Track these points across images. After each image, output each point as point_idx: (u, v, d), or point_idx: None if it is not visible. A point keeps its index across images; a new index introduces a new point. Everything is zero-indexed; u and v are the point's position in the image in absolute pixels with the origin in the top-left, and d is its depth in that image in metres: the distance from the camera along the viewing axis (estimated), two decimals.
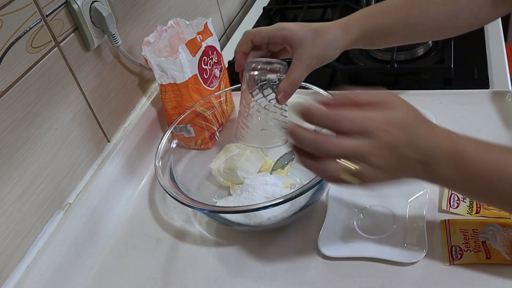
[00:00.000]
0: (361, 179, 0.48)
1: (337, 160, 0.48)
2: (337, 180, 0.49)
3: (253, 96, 0.65)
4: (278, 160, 0.77)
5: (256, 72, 0.65)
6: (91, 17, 0.75)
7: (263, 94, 0.65)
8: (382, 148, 0.47)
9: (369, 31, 0.66)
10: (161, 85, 0.83)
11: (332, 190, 0.72)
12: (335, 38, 0.65)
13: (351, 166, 0.47)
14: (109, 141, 0.84)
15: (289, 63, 0.64)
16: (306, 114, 0.49)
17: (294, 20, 1.25)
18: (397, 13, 0.67)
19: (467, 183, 0.49)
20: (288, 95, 0.62)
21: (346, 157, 0.47)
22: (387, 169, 0.48)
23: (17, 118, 0.64)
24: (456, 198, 0.67)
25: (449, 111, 0.81)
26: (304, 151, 0.49)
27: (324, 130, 0.49)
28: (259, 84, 0.65)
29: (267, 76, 0.65)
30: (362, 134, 0.47)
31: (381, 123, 0.47)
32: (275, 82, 0.65)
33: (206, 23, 0.85)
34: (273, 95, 0.64)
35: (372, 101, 0.48)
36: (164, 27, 0.87)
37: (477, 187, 0.49)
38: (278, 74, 0.65)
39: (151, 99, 0.93)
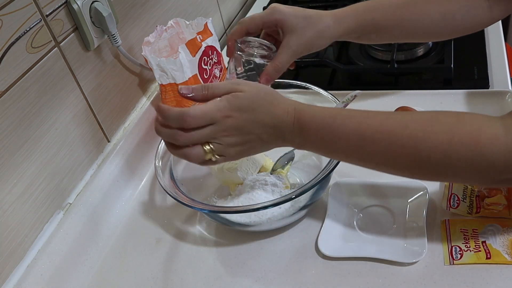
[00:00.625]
0: (224, 156, 0.57)
1: (198, 145, 0.55)
2: (206, 162, 0.57)
3: (238, 77, 0.66)
4: (278, 160, 0.77)
5: (243, 54, 0.66)
6: (91, 17, 0.75)
7: (247, 76, 0.66)
8: (227, 130, 0.55)
9: (362, 25, 0.67)
10: (161, 85, 0.83)
11: (332, 190, 0.72)
12: (326, 28, 0.66)
13: (208, 147, 0.55)
14: (109, 141, 0.84)
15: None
16: (159, 113, 0.55)
17: None
18: (392, 9, 0.68)
19: (314, 143, 0.56)
20: (271, 79, 0.67)
21: (202, 143, 0.55)
22: (242, 144, 0.56)
23: (17, 118, 0.64)
24: (456, 198, 0.67)
25: None
26: (167, 130, 0.56)
27: None
28: (246, 67, 0.66)
29: (254, 59, 0.66)
30: (206, 123, 0.54)
31: (220, 110, 0.54)
32: (262, 66, 0.66)
33: (206, 23, 0.85)
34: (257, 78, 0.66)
35: (220, 94, 0.56)
36: (164, 27, 0.87)
37: (324, 145, 0.56)
38: (266, 60, 0.66)
39: (151, 99, 0.93)
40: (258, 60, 0.67)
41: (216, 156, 0.56)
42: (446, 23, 0.68)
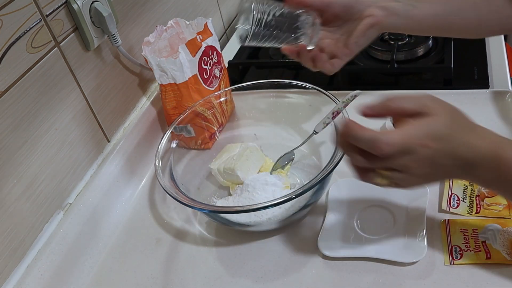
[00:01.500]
0: (396, 184, 0.51)
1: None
2: (370, 181, 0.52)
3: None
4: (278, 160, 0.77)
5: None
6: (91, 17, 0.75)
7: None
8: (420, 161, 0.48)
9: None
10: (161, 85, 0.83)
11: (332, 190, 0.72)
12: None
13: (387, 173, 0.50)
14: (109, 141, 0.84)
15: None
16: (345, 134, 0.50)
17: None
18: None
19: (507, 185, 0.50)
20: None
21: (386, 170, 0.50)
22: (424, 176, 0.51)
23: (17, 118, 0.64)
24: (456, 198, 0.67)
25: None
26: (352, 146, 0.50)
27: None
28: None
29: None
30: (402, 153, 0.48)
31: (419, 138, 0.48)
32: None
33: (206, 23, 0.85)
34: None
35: (410, 110, 0.50)
36: (164, 27, 0.87)
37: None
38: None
39: (151, 99, 0.93)
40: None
41: (389, 183, 0.52)
42: (487, 5, 0.66)
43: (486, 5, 0.66)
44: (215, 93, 0.84)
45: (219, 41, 1.12)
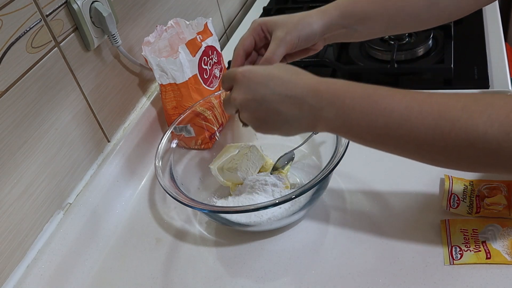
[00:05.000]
0: (248, 123, 0.58)
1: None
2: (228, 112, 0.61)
3: None
4: (278, 160, 0.77)
5: None
6: (91, 17, 0.75)
7: None
8: (240, 90, 0.55)
9: (347, 13, 0.66)
10: (161, 85, 0.83)
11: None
12: (310, 18, 0.66)
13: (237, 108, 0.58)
14: (109, 141, 0.84)
15: None
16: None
17: None
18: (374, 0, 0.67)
19: (351, 117, 0.50)
20: None
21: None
22: (254, 110, 0.55)
23: (17, 118, 0.64)
24: (456, 198, 0.67)
25: None
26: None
27: None
28: None
29: None
30: (233, 83, 0.57)
31: (242, 70, 0.55)
32: None
33: (206, 23, 0.85)
34: None
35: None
36: (164, 27, 0.87)
37: (363, 118, 0.49)
38: None
39: (151, 99, 0.93)
40: None
41: (243, 124, 0.59)
42: (431, 11, 0.66)
43: (428, 14, 0.67)
44: (215, 93, 0.84)
45: (219, 41, 1.12)
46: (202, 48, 0.83)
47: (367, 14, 0.67)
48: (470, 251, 0.60)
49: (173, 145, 0.76)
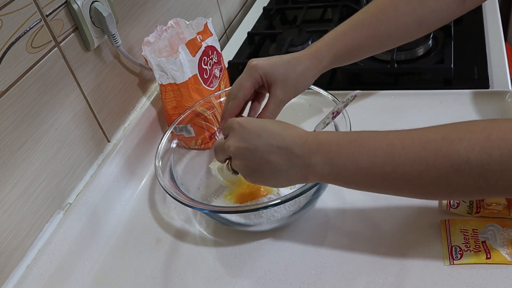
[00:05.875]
0: (238, 172, 0.59)
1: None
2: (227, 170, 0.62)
3: None
4: None
5: None
6: (91, 17, 0.75)
7: None
8: (233, 138, 0.57)
9: (339, 55, 0.68)
10: (161, 85, 0.83)
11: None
12: (306, 69, 0.67)
13: (227, 162, 0.61)
14: (109, 141, 0.84)
15: None
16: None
17: (294, 20, 1.25)
18: (365, 31, 0.68)
19: (339, 161, 0.52)
20: None
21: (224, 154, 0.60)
22: (245, 159, 0.56)
23: (17, 118, 0.64)
24: None
25: (449, 111, 0.81)
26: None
27: None
28: None
29: None
30: (227, 133, 0.59)
31: (236, 120, 0.58)
32: None
33: (206, 23, 0.85)
34: None
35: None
36: (164, 27, 0.87)
37: (351, 161, 0.51)
38: None
39: (151, 99, 0.93)
40: None
41: (233, 172, 0.60)
42: (421, 29, 0.68)
43: (417, 30, 0.68)
44: (215, 93, 0.84)
45: (219, 41, 1.12)
46: (202, 48, 0.83)
47: (359, 47, 0.68)
48: (470, 251, 0.60)
49: (173, 145, 0.76)
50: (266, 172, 0.56)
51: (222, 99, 0.85)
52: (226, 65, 1.02)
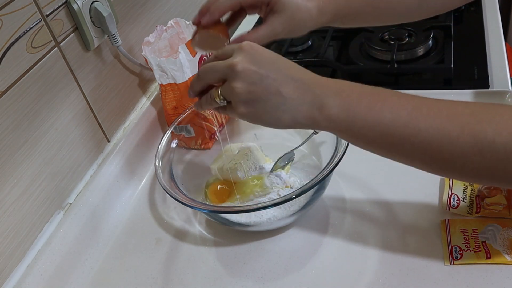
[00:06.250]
0: (230, 103, 0.52)
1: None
2: (216, 106, 0.54)
3: None
4: (278, 160, 0.77)
5: None
6: (91, 17, 0.75)
7: None
8: (243, 62, 0.50)
9: (340, 14, 0.66)
10: (161, 85, 0.84)
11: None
12: (309, 18, 0.63)
13: (217, 91, 0.52)
14: (109, 141, 0.84)
15: None
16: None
17: None
18: None
19: (357, 109, 0.48)
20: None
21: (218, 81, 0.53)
22: (250, 79, 0.50)
23: (17, 118, 0.64)
24: (456, 198, 0.67)
25: None
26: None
27: None
28: None
29: None
30: (231, 55, 0.51)
31: (240, 47, 0.51)
32: None
33: None
34: None
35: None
36: (164, 27, 0.87)
37: (368, 112, 0.48)
38: None
39: (151, 99, 0.93)
40: None
41: (222, 99, 0.52)
42: (421, 8, 0.66)
43: (418, 9, 0.67)
44: None
45: None
46: None
47: (359, 12, 0.66)
48: (470, 251, 0.60)
49: (173, 145, 0.76)
50: (270, 103, 0.50)
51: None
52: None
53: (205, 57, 0.85)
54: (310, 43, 1.07)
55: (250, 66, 0.50)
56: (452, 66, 0.87)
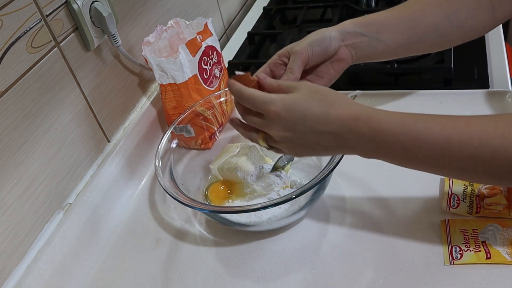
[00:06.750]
0: (277, 148, 0.59)
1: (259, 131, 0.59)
2: (259, 144, 0.61)
3: None
4: (278, 160, 0.77)
5: None
6: (91, 17, 0.75)
7: None
8: (275, 128, 0.55)
9: (362, 22, 0.66)
10: (161, 85, 0.83)
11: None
12: (327, 31, 0.65)
13: (262, 134, 0.59)
14: (109, 141, 0.84)
15: None
16: (228, 83, 0.59)
17: (294, 20, 1.25)
18: (389, 10, 0.67)
19: (390, 150, 0.52)
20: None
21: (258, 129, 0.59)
22: (295, 142, 0.56)
23: (17, 118, 0.64)
24: (456, 198, 0.67)
25: (449, 111, 0.80)
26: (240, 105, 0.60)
27: None
28: None
29: None
30: (261, 114, 0.56)
31: (275, 107, 0.54)
32: None
33: (206, 23, 0.85)
34: None
35: (283, 87, 0.57)
36: (164, 27, 0.87)
37: (402, 152, 0.51)
38: None
39: (151, 99, 0.93)
40: None
41: (268, 145, 0.59)
42: (450, 20, 0.66)
43: (448, 24, 0.66)
44: (215, 93, 0.84)
45: (219, 41, 1.13)
46: (202, 48, 0.83)
47: (385, 23, 0.66)
48: (470, 251, 0.60)
49: (173, 145, 0.76)
50: (314, 150, 0.56)
51: (222, 99, 0.85)
52: (226, 65, 1.02)
53: (205, 57, 0.84)
54: None
55: (285, 133, 0.55)
56: (452, 66, 0.87)
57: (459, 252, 0.60)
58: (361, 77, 0.98)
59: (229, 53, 1.13)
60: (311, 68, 0.67)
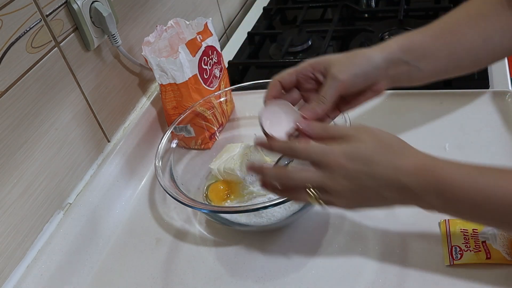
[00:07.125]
0: (330, 205, 0.54)
1: (306, 189, 0.53)
2: (302, 200, 0.56)
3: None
4: (278, 160, 0.77)
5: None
6: (91, 17, 0.75)
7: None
8: (336, 178, 0.51)
9: (407, 47, 0.62)
10: (161, 85, 0.83)
11: None
12: (369, 51, 0.61)
13: (315, 194, 0.53)
14: (109, 141, 0.84)
15: None
16: (268, 144, 0.57)
17: (294, 20, 1.25)
18: (432, 32, 0.64)
19: (460, 204, 0.49)
20: (315, 115, 0.60)
21: (309, 187, 0.53)
22: (351, 197, 0.52)
23: (17, 118, 0.64)
24: None
25: (449, 111, 0.81)
26: (273, 185, 0.56)
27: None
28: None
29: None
30: (319, 166, 0.52)
31: (337, 157, 0.51)
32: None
33: (206, 23, 0.85)
34: None
35: (336, 135, 0.53)
36: (164, 27, 0.87)
37: (472, 206, 0.49)
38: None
39: (151, 99, 0.93)
40: None
41: (319, 200, 0.54)
42: (486, 45, 0.64)
43: (483, 49, 0.64)
44: (215, 93, 0.84)
45: (219, 41, 1.13)
46: (202, 48, 0.83)
47: (427, 49, 0.63)
48: (470, 251, 0.60)
49: (173, 145, 0.76)
50: (373, 203, 0.54)
51: (222, 99, 0.85)
52: (226, 65, 1.02)
53: (205, 57, 0.84)
54: (310, 43, 1.07)
55: (343, 187, 0.51)
56: None
57: (459, 252, 0.60)
58: None
59: (229, 53, 1.13)
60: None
